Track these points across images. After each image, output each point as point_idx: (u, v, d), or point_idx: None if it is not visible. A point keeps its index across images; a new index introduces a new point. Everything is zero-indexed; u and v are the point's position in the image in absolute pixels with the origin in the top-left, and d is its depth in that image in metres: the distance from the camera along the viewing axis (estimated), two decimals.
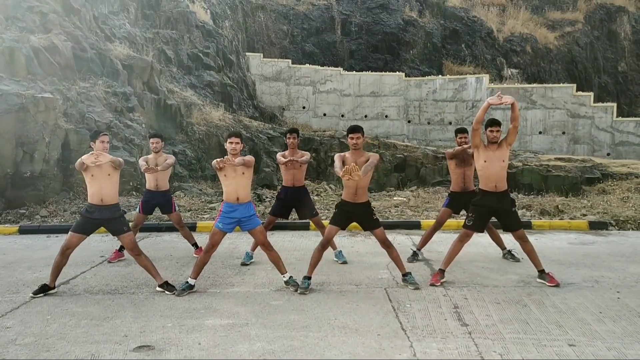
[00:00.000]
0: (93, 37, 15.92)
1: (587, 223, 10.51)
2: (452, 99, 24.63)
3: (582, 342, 4.69)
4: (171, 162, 7.91)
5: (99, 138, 6.25)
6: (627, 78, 30.39)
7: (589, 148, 23.42)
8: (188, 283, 6.20)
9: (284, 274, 6.39)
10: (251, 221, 6.30)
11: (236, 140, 6.24)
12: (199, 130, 17.23)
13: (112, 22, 17.92)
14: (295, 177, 7.63)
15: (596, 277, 6.80)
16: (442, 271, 6.58)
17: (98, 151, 6.08)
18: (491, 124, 6.62)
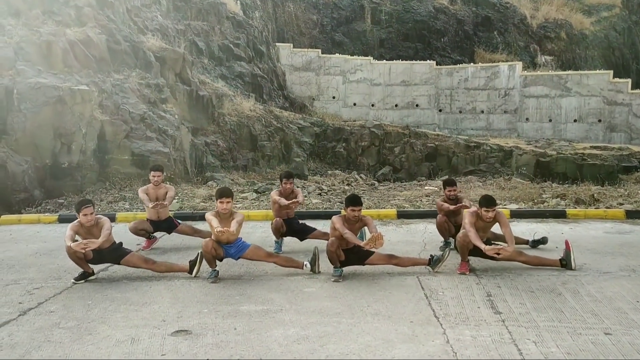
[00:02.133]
0: (126, 30, 16.18)
1: (624, 212, 10.30)
2: (484, 87, 24.31)
3: (619, 330, 4.64)
4: (173, 195, 8.22)
5: (81, 211, 6.15)
6: None
7: (626, 136, 22.86)
8: (214, 270, 6.29)
9: (304, 265, 6.48)
10: (240, 249, 6.42)
11: (227, 200, 6.27)
12: (230, 121, 17.41)
13: (145, 15, 18.18)
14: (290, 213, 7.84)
15: (633, 267, 6.69)
16: (467, 261, 6.56)
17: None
18: (487, 205, 6.37)
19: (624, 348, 4.28)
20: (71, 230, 6.18)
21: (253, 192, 13.19)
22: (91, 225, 6.24)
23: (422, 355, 4.18)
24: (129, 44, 15.62)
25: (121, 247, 6.51)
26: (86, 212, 6.16)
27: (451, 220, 7.70)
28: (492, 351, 4.24)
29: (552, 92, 23.62)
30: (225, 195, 6.29)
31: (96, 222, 6.27)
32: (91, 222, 6.23)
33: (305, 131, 19.55)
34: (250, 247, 6.47)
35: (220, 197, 6.29)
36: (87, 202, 6.33)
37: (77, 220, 6.25)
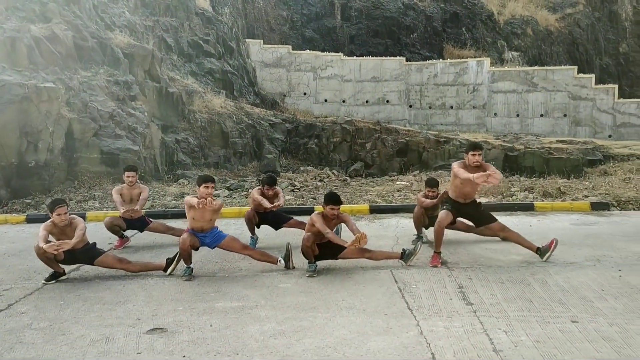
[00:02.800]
0: (93, 26, 15.92)
1: (589, 204, 10.59)
2: (453, 83, 24.62)
3: (585, 318, 4.79)
4: (146, 196, 8.15)
5: (55, 210, 6.08)
6: (628, 59, 30.34)
7: (590, 130, 23.44)
8: (189, 267, 6.28)
9: (279, 261, 6.52)
10: (217, 238, 6.48)
11: (212, 185, 6.38)
12: (201, 118, 17.29)
13: (112, 11, 17.91)
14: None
15: (598, 256, 6.90)
16: (438, 253, 6.70)
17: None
18: (473, 148, 6.66)
19: (590, 335, 4.43)
20: (44, 231, 6.06)
21: (225, 190, 13.15)
22: (65, 225, 6.14)
23: (397, 346, 4.25)
24: (96, 40, 15.38)
25: (95, 247, 6.43)
26: (60, 211, 6.07)
27: (427, 213, 7.86)
28: (465, 341, 4.34)
29: (520, 87, 24.05)
30: (209, 180, 6.41)
31: (70, 222, 6.19)
32: (65, 222, 6.13)
33: (277, 128, 19.54)
34: (227, 238, 6.51)
35: (204, 182, 6.36)
36: (60, 202, 6.21)
37: (50, 220, 6.15)
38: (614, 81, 27.41)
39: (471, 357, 4.06)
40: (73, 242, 5.97)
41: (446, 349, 4.19)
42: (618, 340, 4.31)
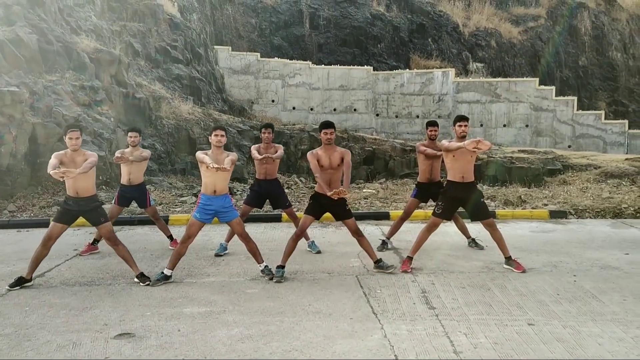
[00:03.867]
0: (59, 30, 15.73)
1: (547, 212, 10.95)
2: (419, 93, 25.04)
3: (541, 321, 5.01)
4: (145, 155, 8.04)
5: (67, 134, 6.20)
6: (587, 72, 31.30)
7: (551, 140, 24.12)
8: (164, 273, 6.33)
9: (260, 264, 6.58)
10: (228, 213, 6.47)
11: (221, 132, 6.47)
12: (168, 124, 17.21)
13: (78, 15, 17.71)
14: (268, 171, 7.86)
15: (555, 262, 7.18)
16: (410, 258, 6.87)
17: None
18: (459, 119, 6.88)
19: (545, 337, 4.64)
20: (55, 159, 6.11)
21: (192, 196, 13.13)
22: (75, 152, 6.19)
23: (362, 349, 4.38)
24: (62, 44, 15.19)
25: (101, 210, 6.43)
26: (72, 135, 6.15)
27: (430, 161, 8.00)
28: (427, 344, 4.50)
29: (483, 98, 24.62)
30: (219, 127, 6.52)
31: (83, 153, 6.23)
32: (75, 147, 6.19)
33: (245, 134, 19.56)
34: (236, 218, 6.52)
35: (215, 129, 6.48)
36: (74, 126, 6.35)
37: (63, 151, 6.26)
38: (573, 93, 28.25)
39: (432, 358, 4.22)
40: (78, 171, 5.94)
41: (409, 351, 4.34)
42: (571, 342, 4.53)
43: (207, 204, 6.38)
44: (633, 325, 4.89)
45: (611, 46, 31.85)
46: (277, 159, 7.82)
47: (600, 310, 5.31)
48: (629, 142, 23.89)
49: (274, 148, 7.88)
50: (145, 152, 8.13)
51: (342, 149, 6.69)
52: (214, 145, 6.42)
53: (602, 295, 5.77)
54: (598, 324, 4.94)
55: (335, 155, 6.53)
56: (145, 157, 8.06)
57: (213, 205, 6.38)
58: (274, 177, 7.97)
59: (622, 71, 31.64)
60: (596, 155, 19.60)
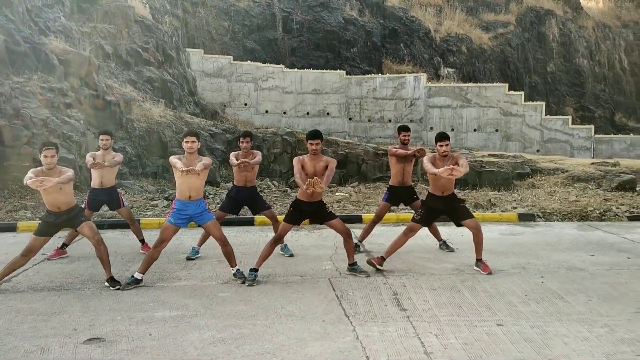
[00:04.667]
0: (27, 31, 15.46)
1: (516, 215, 11.15)
2: (391, 97, 25.25)
3: (509, 322, 5.11)
4: (119, 160, 8.01)
5: (42, 152, 6.16)
6: (555, 78, 31.99)
7: (520, 145, 24.55)
8: (134, 277, 6.27)
9: (233, 267, 6.56)
10: (203, 216, 6.46)
11: (192, 139, 6.41)
12: (139, 127, 17.02)
13: (47, 15, 17.42)
14: (247, 178, 7.88)
15: (523, 264, 7.32)
16: (383, 258, 6.94)
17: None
18: (440, 138, 6.89)
19: (513, 337, 4.73)
20: (31, 173, 6.08)
21: (164, 200, 13.01)
22: (51, 169, 6.13)
23: (334, 351, 4.41)
24: (30, 45, 14.92)
25: (81, 211, 6.42)
26: (47, 153, 6.11)
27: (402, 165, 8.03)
28: (398, 345, 4.55)
29: (454, 102, 24.95)
30: (190, 134, 6.44)
31: (59, 170, 6.17)
32: (51, 166, 6.14)
33: (217, 138, 19.46)
34: (212, 220, 6.49)
35: (186, 136, 6.44)
36: (49, 144, 6.30)
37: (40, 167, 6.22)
38: (542, 99, 28.84)
39: (404, 359, 4.27)
40: (55, 180, 5.92)
41: (380, 353, 4.39)
42: (538, 342, 4.63)
43: (182, 209, 6.36)
44: (597, 325, 5.02)
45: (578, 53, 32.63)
46: (255, 164, 7.80)
47: (566, 310, 5.44)
48: (595, 146, 24.47)
49: (253, 155, 7.88)
50: (118, 156, 8.06)
51: (329, 158, 6.72)
52: (187, 151, 6.39)
53: (568, 295, 5.91)
54: (564, 323, 5.06)
55: (321, 164, 6.59)
56: (118, 162, 8.01)
57: (188, 210, 6.36)
58: (253, 184, 7.98)
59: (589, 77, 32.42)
60: (564, 160, 20.03)
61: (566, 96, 31.67)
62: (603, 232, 9.78)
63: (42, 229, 6.21)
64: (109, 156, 7.95)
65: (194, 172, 6.16)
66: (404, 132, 8.27)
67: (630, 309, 5.49)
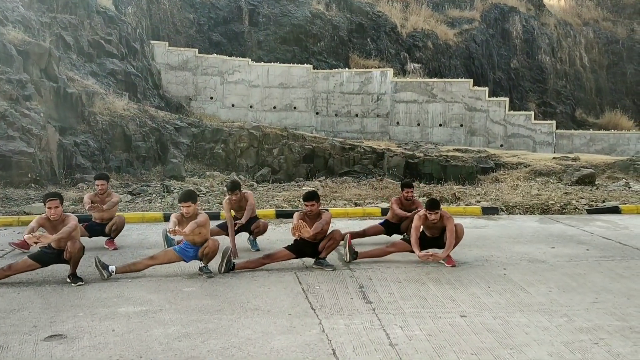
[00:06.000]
0: None
1: (480, 209, 11.35)
2: (358, 92, 25.33)
3: (472, 313, 5.20)
4: (116, 201, 8.04)
5: (46, 203, 6.06)
6: (518, 74, 32.56)
7: (484, 140, 24.95)
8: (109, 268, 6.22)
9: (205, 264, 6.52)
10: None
11: (187, 204, 6.31)
12: (102, 120, 16.69)
13: (4, 5, 16.89)
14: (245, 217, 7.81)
15: (486, 257, 7.46)
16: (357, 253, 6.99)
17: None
18: (430, 207, 6.87)
19: (476, 327, 4.82)
20: (35, 223, 5.96)
21: (127, 194, 12.80)
22: (56, 220, 6.01)
23: (300, 344, 4.42)
24: None
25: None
26: (50, 205, 5.99)
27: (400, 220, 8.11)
28: (364, 337, 4.58)
29: (420, 97, 25.18)
30: (184, 199, 6.32)
31: (63, 219, 6.05)
32: (55, 217, 6.01)
33: (183, 132, 19.23)
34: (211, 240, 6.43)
35: (180, 201, 6.37)
36: (52, 195, 6.16)
37: (45, 213, 6.04)
38: (505, 94, 29.31)
39: (369, 351, 4.30)
40: (52, 238, 5.85)
41: (346, 345, 4.41)
42: (500, 332, 4.73)
43: (188, 248, 6.45)
44: (557, 315, 5.15)
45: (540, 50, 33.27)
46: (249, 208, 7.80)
47: (527, 301, 5.56)
48: (557, 141, 25.05)
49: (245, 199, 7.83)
50: (114, 196, 8.11)
51: (326, 212, 6.75)
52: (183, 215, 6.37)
53: (530, 287, 6.04)
54: (525, 314, 5.17)
55: (317, 221, 6.61)
56: (116, 202, 8.04)
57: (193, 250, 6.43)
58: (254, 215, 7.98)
59: (551, 74, 33.11)
60: (526, 154, 20.45)
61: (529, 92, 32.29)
62: (563, 224, 10.02)
63: (37, 255, 6.11)
64: (107, 199, 7.94)
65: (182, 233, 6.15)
66: (407, 188, 8.25)
67: (588, 299, 5.65)
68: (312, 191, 6.86)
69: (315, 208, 6.67)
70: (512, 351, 4.32)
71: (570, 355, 4.24)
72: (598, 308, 5.36)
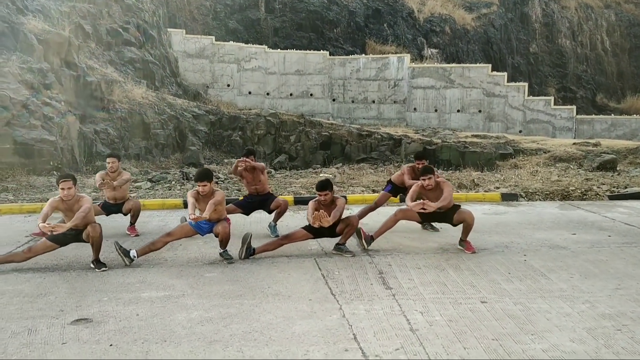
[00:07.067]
0: (4, 10, 15.12)
1: (499, 195, 11.27)
2: (375, 78, 25.21)
3: (493, 299, 5.19)
4: (127, 178, 8.10)
5: (59, 184, 6.10)
6: (537, 59, 32.16)
7: (502, 125, 24.72)
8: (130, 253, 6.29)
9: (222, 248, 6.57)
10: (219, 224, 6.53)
11: (203, 183, 6.38)
12: (121, 108, 16.83)
13: None
14: (259, 189, 7.93)
15: (506, 243, 7.43)
16: (372, 237, 7.01)
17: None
18: (424, 172, 6.93)
19: (497, 313, 4.82)
20: (48, 206, 6.01)
21: (147, 182, 12.93)
22: (71, 201, 6.06)
23: (321, 329, 4.46)
24: (8, 25, 14.63)
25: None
26: (64, 186, 6.02)
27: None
28: (384, 322, 4.61)
29: (438, 83, 24.99)
30: (200, 179, 6.42)
31: (78, 200, 6.12)
32: (70, 198, 6.07)
33: (200, 119, 19.34)
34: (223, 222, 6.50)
35: (196, 180, 6.48)
36: (66, 176, 6.21)
37: (59, 195, 6.11)
38: (524, 79, 29.00)
39: (390, 336, 4.33)
40: (67, 226, 5.94)
41: (367, 330, 4.44)
42: (521, 318, 4.72)
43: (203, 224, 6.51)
44: (579, 301, 5.12)
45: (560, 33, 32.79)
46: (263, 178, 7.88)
47: (548, 287, 5.54)
48: (577, 127, 24.74)
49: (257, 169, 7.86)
50: (125, 174, 8.16)
51: (340, 198, 6.80)
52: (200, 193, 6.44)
53: (551, 273, 6.01)
54: (547, 300, 5.15)
55: (332, 208, 6.66)
56: (127, 180, 8.11)
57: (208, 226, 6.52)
58: (266, 191, 8.03)
59: (571, 58, 32.64)
60: (546, 140, 20.23)
61: (548, 77, 31.89)
62: (584, 211, 9.93)
63: (56, 236, 6.12)
64: (119, 177, 8.00)
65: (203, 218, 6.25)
66: (418, 160, 8.17)
67: (611, 285, 5.61)
68: (325, 180, 6.87)
69: (329, 197, 6.70)
70: (533, 337, 4.32)
71: (593, 342, 4.23)
72: (621, 294, 5.32)
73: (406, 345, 4.16)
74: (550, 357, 3.98)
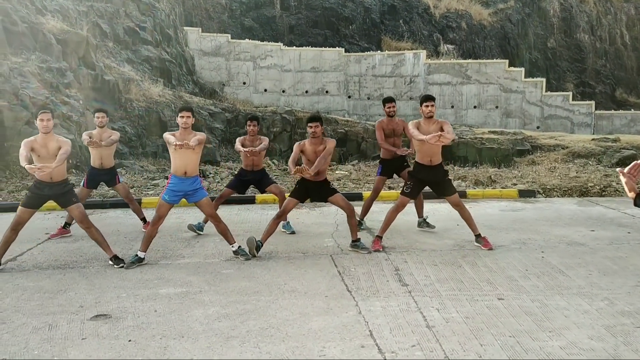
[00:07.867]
0: (23, 10, 15.31)
1: (517, 191, 11.19)
2: (390, 75, 25.11)
3: (510, 296, 5.17)
4: (115, 139, 7.98)
5: (38, 117, 6.11)
6: (555, 54, 31.78)
7: (520, 121, 24.49)
8: (137, 256, 6.32)
9: (233, 244, 6.60)
10: (197, 194, 6.50)
11: (187, 114, 6.40)
12: (138, 107, 16.98)
13: None
14: (255, 162, 7.96)
15: (524, 240, 7.38)
16: (379, 237, 6.99)
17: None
18: (425, 99, 6.94)
19: (514, 310, 4.80)
20: (24, 148, 5.95)
21: (164, 179, 13.03)
22: (47, 133, 6.05)
23: (337, 325, 4.47)
24: (27, 25, 14.81)
25: (72, 192, 6.36)
26: (43, 117, 6.03)
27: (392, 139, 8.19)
28: (400, 319, 4.61)
29: (454, 79, 24.82)
30: (185, 109, 6.43)
31: (56, 139, 6.13)
32: (47, 130, 6.04)
33: (217, 117, 19.42)
34: (205, 198, 6.54)
35: (180, 111, 6.44)
36: (46, 108, 6.25)
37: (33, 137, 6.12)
38: (542, 75, 28.66)
39: (406, 333, 4.33)
40: (54, 165, 5.91)
41: (383, 327, 4.45)
42: (539, 315, 4.69)
43: (177, 183, 6.42)
44: (597, 298, 5.08)
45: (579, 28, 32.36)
46: (261, 151, 7.82)
47: (566, 284, 5.50)
48: (596, 122, 24.41)
49: (259, 140, 7.88)
50: (114, 134, 8.07)
51: (329, 139, 6.81)
52: (181, 127, 6.39)
53: (569, 270, 5.96)
54: (564, 297, 5.11)
55: (320, 149, 6.67)
56: (115, 141, 8.02)
57: (182, 186, 6.42)
58: (261, 167, 8.02)
59: (589, 53, 32.21)
60: (564, 136, 20.00)
61: (567, 72, 31.51)
62: (603, 207, 9.82)
63: (29, 200, 6.19)
64: (105, 134, 7.96)
65: (188, 147, 6.16)
66: (389, 103, 8.25)
67: (630, 282, 5.55)
68: (316, 113, 6.91)
69: (319, 130, 6.69)
70: (551, 334, 4.29)
71: (612, 339, 4.19)
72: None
73: (422, 342, 4.16)
74: (568, 354, 3.95)
